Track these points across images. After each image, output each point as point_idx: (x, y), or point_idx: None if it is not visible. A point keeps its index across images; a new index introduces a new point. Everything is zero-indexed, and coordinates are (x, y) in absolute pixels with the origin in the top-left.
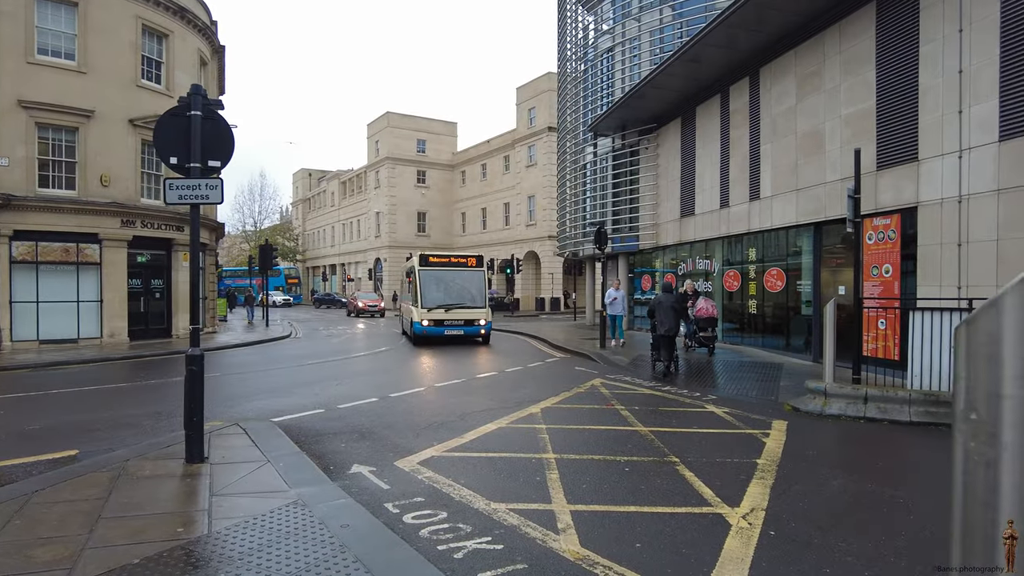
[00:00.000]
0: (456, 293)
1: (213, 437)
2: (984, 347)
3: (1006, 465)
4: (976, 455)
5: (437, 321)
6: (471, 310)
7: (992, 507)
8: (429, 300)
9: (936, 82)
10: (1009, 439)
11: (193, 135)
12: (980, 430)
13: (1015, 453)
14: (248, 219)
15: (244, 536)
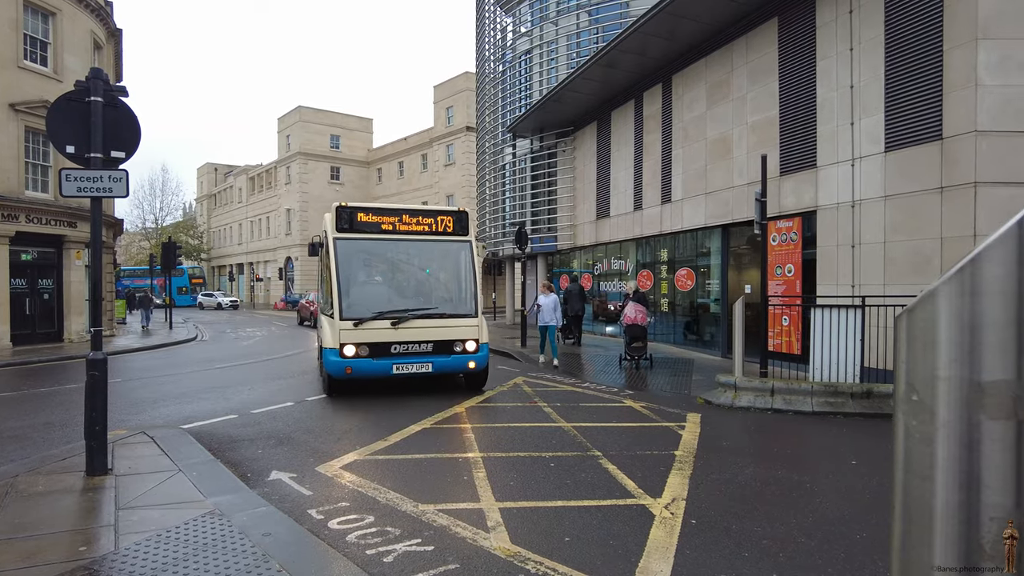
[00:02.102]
0: (414, 287)
1: (117, 447)
2: (922, 333)
3: (941, 441)
4: (916, 433)
5: (376, 347)
6: (447, 321)
7: (930, 480)
8: (357, 303)
9: (831, 95)
10: (945, 417)
11: (93, 123)
12: (920, 409)
13: (950, 429)
14: (149, 216)
15: (156, 551)
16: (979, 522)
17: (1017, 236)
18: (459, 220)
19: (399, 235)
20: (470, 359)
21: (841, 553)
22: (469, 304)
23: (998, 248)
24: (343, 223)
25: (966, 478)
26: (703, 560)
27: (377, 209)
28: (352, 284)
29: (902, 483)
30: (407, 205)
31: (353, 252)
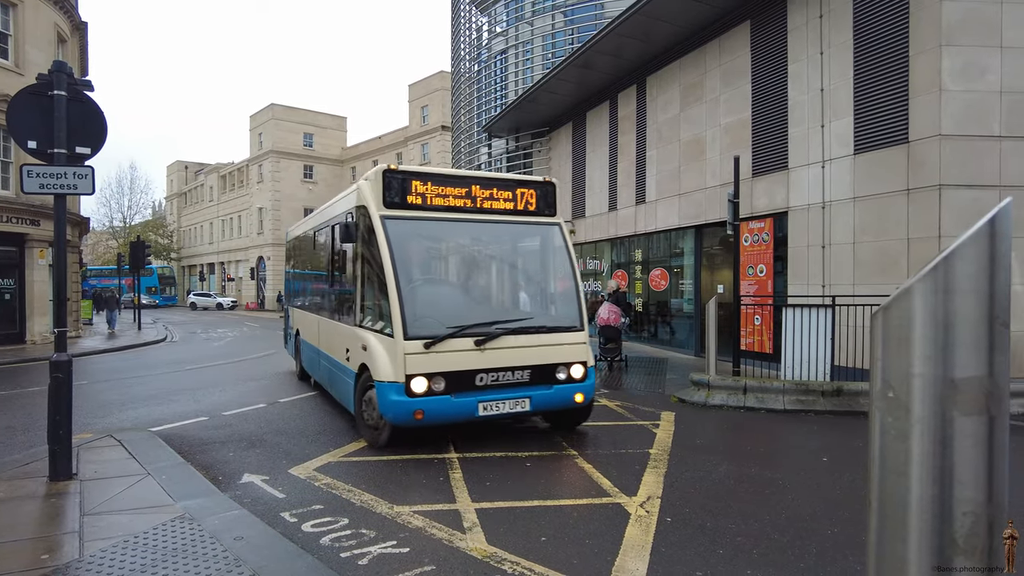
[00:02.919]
0: (494, 289)
1: (83, 451)
2: (897, 331)
3: (916, 437)
4: (892, 429)
5: (456, 378)
6: (546, 337)
7: (905, 475)
8: (426, 314)
9: (803, 98)
10: (919, 413)
11: (57, 117)
12: (895, 406)
13: (925, 425)
14: (116, 214)
15: (124, 557)
16: (952, 516)
17: (988, 234)
18: (544, 194)
19: (470, 214)
20: (577, 390)
21: (813, 548)
22: (572, 312)
23: (970, 246)
24: (392, 195)
25: (940, 473)
26: (678, 557)
27: (440, 176)
28: (415, 285)
29: (878, 479)
30: (476, 172)
31: (411, 238)
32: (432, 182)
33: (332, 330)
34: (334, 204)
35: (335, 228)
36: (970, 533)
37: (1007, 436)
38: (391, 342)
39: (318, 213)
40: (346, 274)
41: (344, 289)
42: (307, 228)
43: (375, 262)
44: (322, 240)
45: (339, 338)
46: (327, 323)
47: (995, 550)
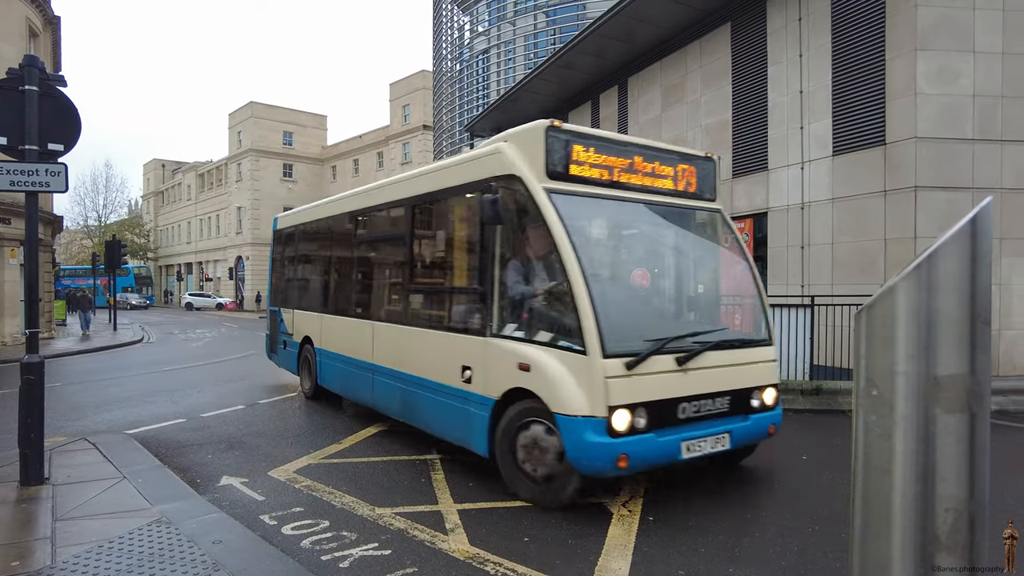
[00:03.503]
0: (673, 291)
1: (55, 455)
2: (881, 329)
3: (900, 434)
4: (876, 427)
5: (657, 409)
6: (741, 354)
7: (889, 473)
8: (622, 323)
9: (782, 100)
10: (903, 411)
11: (28, 113)
12: (879, 404)
13: (908, 423)
14: (91, 213)
15: (98, 563)
16: (935, 513)
17: (970, 233)
18: (707, 173)
19: (639, 193)
20: (771, 420)
21: (794, 546)
22: (760, 321)
23: (952, 245)
24: (555, 162)
25: (923, 470)
26: (660, 556)
27: (606, 141)
28: (603, 284)
29: (862, 477)
30: (637, 138)
31: (586, 222)
32: (596, 148)
33: (418, 341)
34: (418, 178)
35: (489, 204)
36: (952, 529)
37: (988, 433)
38: (580, 361)
39: (365, 191)
40: (456, 267)
41: (445, 288)
42: (337, 211)
43: (537, 251)
44: (384, 224)
45: (441, 352)
46: (398, 331)
47: (977, 546)
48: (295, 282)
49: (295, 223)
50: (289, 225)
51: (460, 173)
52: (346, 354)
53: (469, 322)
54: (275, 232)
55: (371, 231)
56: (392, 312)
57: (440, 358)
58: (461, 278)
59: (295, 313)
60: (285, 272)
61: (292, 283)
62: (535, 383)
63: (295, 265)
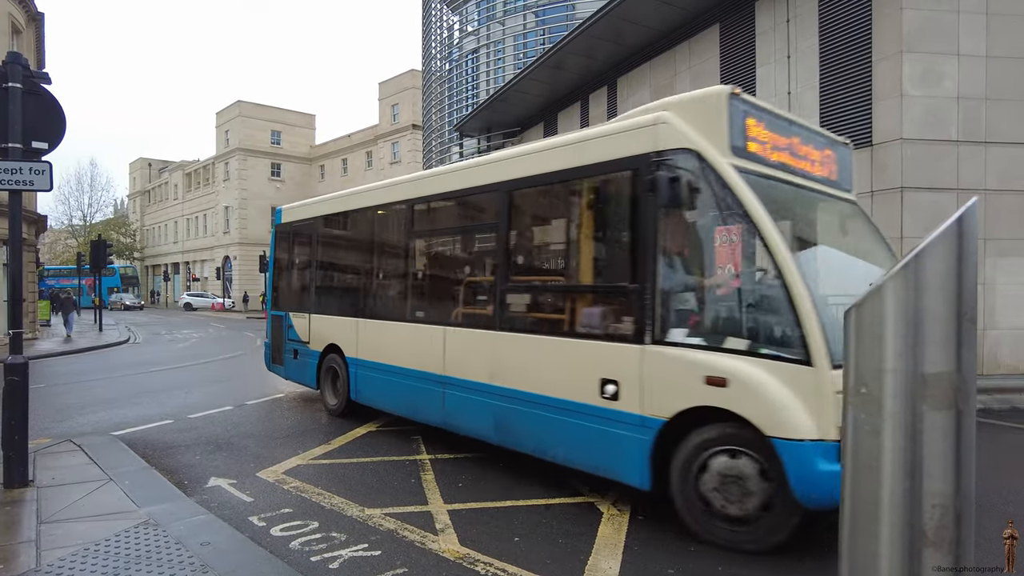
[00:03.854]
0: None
1: (40, 456)
2: (870, 328)
3: (888, 431)
4: (865, 425)
5: None
6: None
7: (877, 470)
8: (835, 329)
9: (771, 101)
10: (891, 408)
11: (12, 111)
12: (868, 401)
13: (896, 420)
14: (76, 212)
15: (84, 566)
16: (922, 509)
17: (956, 233)
18: (847, 162)
19: (801, 179)
20: None
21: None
22: None
23: (939, 245)
24: (737, 136)
25: (911, 467)
26: (651, 555)
27: (773, 116)
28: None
29: (851, 474)
30: (793, 115)
31: (777, 207)
32: (767, 124)
33: (527, 350)
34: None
35: (668, 184)
36: (939, 525)
37: (974, 430)
38: (801, 373)
39: (430, 176)
40: (587, 261)
41: (571, 286)
42: (381, 199)
43: (726, 241)
44: (463, 213)
45: (566, 362)
46: (491, 339)
47: (963, 542)
48: (311, 282)
49: (310, 215)
50: (301, 218)
51: (598, 149)
52: (399, 364)
53: (613, 326)
54: (278, 226)
55: (440, 222)
56: (477, 316)
57: (565, 370)
58: (598, 273)
59: (312, 318)
60: (294, 271)
61: (306, 284)
62: (737, 401)
63: (310, 263)
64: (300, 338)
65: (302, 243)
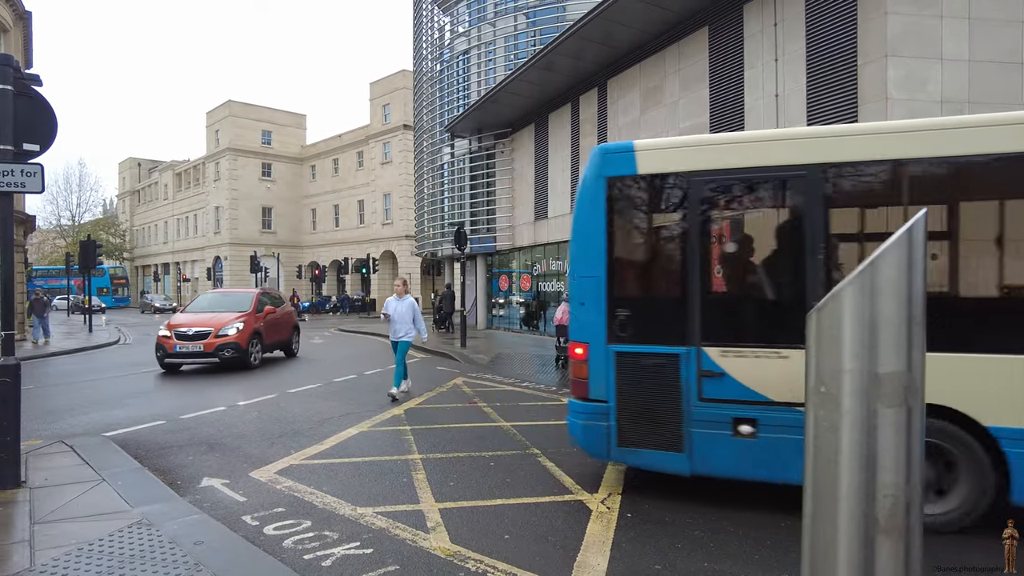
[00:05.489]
0: None
1: (32, 458)
2: (829, 330)
3: (846, 427)
4: (824, 422)
5: None
6: None
7: (835, 464)
8: None
9: (758, 103)
10: (848, 406)
11: (2, 112)
12: (827, 400)
13: (853, 417)
14: (65, 212)
15: (78, 566)
16: (875, 499)
17: (907, 242)
18: None
19: None
20: None
21: (767, 540)
22: None
23: (892, 252)
24: None
25: (866, 460)
26: (639, 552)
27: None
28: None
29: (812, 469)
30: None
31: None
32: None
33: None
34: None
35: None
36: (890, 514)
37: (922, 425)
38: None
39: None
40: None
41: None
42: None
43: None
44: None
45: None
46: None
47: (912, 529)
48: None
49: (746, 161)
50: (715, 166)
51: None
52: None
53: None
54: (626, 180)
55: None
56: None
57: None
58: None
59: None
60: (701, 264)
61: (771, 286)
62: None
63: (778, 247)
64: (765, 396)
65: (724, 208)
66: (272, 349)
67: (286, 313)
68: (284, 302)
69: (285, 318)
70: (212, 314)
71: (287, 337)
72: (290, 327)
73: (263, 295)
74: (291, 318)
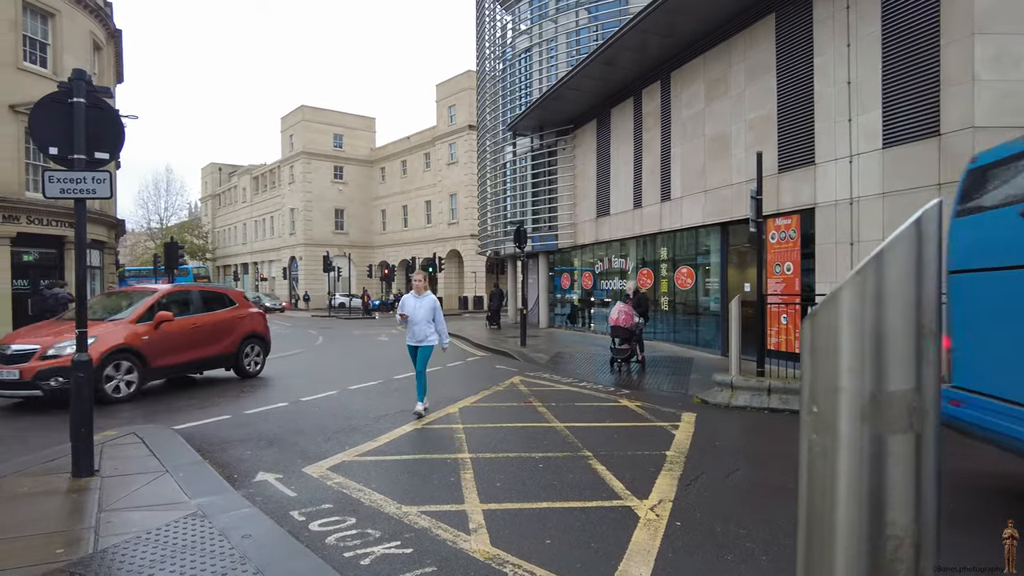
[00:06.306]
0: None
1: (106, 447)
2: (824, 341)
3: (841, 454)
4: (816, 446)
5: None
6: None
7: (831, 495)
8: None
9: (829, 91)
10: (843, 429)
11: (76, 124)
12: (819, 422)
13: (849, 443)
14: (153, 216)
15: (135, 553)
16: (878, 540)
17: (916, 236)
18: None
19: None
20: None
21: None
22: None
23: (896, 249)
24: None
25: (865, 494)
26: (684, 563)
27: None
28: None
29: (806, 498)
30: None
31: None
32: None
33: None
34: None
35: None
36: (894, 558)
37: (936, 454)
38: None
39: None
40: None
41: None
42: None
43: None
44: None
45: None
46: None
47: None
48: None
49: None
50: None
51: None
52: None
53: None
54: None
55: None
56: None
57: None
58: None
59: None
60: None
61: None
62: None
63: None
64: None
65: None
66: (185, 371)
67: (225, 320)
68: (234, 302)
69: (223, 326)
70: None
71: (225, 351)
72: (236, 337)
73: (177, 294)
74: (238, 324)
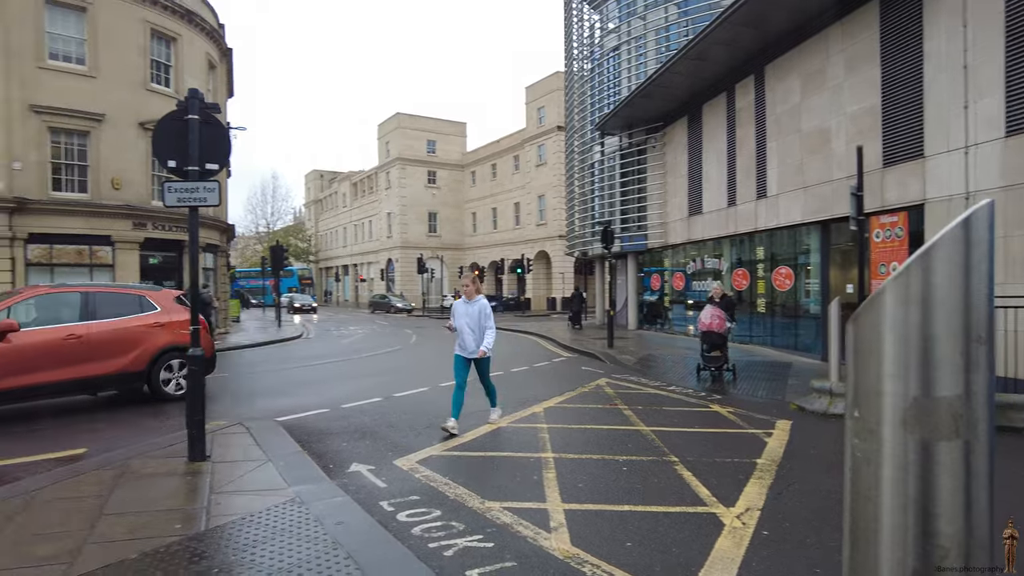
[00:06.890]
0: None
1: (216, 436)
2: (867, 344)
3: (884, 460)
4: (859, 452)
5: None
6: None
7: (875, 502)
8: None
9: (940, 77)
10: (887, 435)
11: (191, 139)
12: (862, 428)
13: (892, 448)
14: (261, 220)
15: (240, 532)
16: (925, 550)
17: (964, 237)
18: None
19: None
20: None
21: None
22: None
23: (942, 250)
24: None
25: (910, 502)
26: (769, 573)
27: None
28: None
29: (850, 504)
30: None
31: None
32: None
33: None
34: None
35: None
36: (941, 567)
37: (988, 463)
38: None
39: None
40: None
41: None
42: None
43: None
44: None
45: None
46: None
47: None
48: None
49: None
50: None
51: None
52: None
53: None
54: None
55: None
56: None
57: None
58: None
59: None
60: None
61: None
62: None
63: None
64: None
65: None
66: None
67: (127, 329)
68: (154, 307)
69: (124, 336)
70: None
71: (127, 368)
72: (146, 350)
73: (50, 296)
74: (150, 335)
